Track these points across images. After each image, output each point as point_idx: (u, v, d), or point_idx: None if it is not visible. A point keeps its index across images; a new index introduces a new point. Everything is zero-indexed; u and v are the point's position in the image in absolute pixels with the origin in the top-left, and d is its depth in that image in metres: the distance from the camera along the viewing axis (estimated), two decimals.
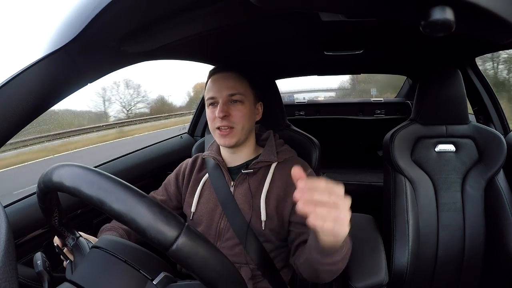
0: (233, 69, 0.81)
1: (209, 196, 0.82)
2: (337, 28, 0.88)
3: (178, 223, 0.36)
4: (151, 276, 0.44)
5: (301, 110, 2.47)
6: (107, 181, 0.38)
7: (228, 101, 0.78)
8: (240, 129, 0.78)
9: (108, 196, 0.36)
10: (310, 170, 0.83)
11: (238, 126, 0.77)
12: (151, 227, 0.35)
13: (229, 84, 0.78)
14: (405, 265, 1.00)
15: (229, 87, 0.78)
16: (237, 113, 0.77)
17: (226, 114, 0.76)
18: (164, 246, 0.35)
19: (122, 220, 0.36)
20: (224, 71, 0.81)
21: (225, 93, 0.77)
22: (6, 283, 0.29)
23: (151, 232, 0.35)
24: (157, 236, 0.35)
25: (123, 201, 0.36)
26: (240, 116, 0.77)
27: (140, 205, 0.36)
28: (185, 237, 0.35)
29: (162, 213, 0.36)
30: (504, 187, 1.02)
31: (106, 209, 0.36)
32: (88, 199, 0.37)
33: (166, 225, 0.35)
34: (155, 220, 0.35)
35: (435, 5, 0.26)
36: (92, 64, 0.56)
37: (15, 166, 6.74)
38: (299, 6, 0.41)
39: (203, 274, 0.37)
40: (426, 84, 1.07)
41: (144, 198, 0.37)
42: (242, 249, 0.76)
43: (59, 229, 0.54)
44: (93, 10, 0.43)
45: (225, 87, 0.78)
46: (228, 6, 0.52)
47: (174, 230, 0.35)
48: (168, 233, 0.35)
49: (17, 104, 0.46)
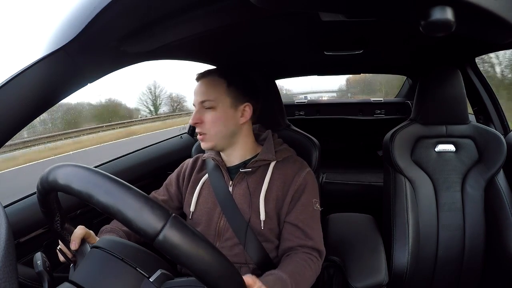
0: (210, 73, 0.80)
1: (208, 196, 0.83)
2: (337, 28, 0.88)
3: (163, 213, 0.36)
4: (148, 273, 0.44)
5: (301, 110, 2.47)
6: (95, 175, 0.38)
7: (201, 108, 0.78)
8: (213, 134, 0.78)
9: (95, 189, 0.37)
10: (308, 169, 0.83)
11: (211, 132, 0.78)
12: (136, 217, 0.35)
13: (201, 91, 0.78)
14: (405, 265, 1.00)
15: (200, 93, 0.78)
16: (208, 119, 0.77)
17: (197, 121, 0.77)
18: (150, 236, 0.35)
19: (109, 212, 0.36)
20: (201, 77, 0.80)
21: (197, 100, 0.78)
22: (6, 283, 0.29)
23: (137, 222, 0.35)
24: (143, 227, 0.34)
25: (110, 193, 0.36)
26: (211, 122, 0.77)
27: (126, 197, 0.36)
28: (171, 227, 0.35)
29: (148, 204, 0.36)
30: (504, 187, 1.02)
31: (94, 203, 0.37)
32: (78, 194, 0.38)
33: (152, 215, 0.35)
34: (141, 211, 0.35)
35: (435, 5, 0.26)
36: (92, 64, 0.56)
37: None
38: (299, 6, 0.41)
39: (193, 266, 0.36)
40: (426, 84, 1.07)
41: (130, 190, 0.37)
42: (241, 249, 0.76)
43: (61, 233, 0.54)
44: (93, 10, 0.43)
45: (198, 94, 0.79)
46: (228, 6, 0.52)
47: (160, 221, 0.35)
48: (153, 224, 0.35)
49: (17, 104, 0.46)
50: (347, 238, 1.03)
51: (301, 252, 0.74)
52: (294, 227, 0.76)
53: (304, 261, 0.72)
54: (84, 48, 0.50)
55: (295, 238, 0.76)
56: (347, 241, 1.01)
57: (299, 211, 0.77)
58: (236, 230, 0.77)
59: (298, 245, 0.75)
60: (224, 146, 0.81)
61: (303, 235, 0.76)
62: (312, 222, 0.77)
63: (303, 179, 0.79)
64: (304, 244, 0.75)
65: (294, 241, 0.75)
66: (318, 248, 0.76)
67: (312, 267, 0.72)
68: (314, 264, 0.74)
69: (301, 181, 0.79)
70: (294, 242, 0.75)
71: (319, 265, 0.76)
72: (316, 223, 0.79)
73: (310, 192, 0.80)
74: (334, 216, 1.16)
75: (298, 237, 0.76)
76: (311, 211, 0.78)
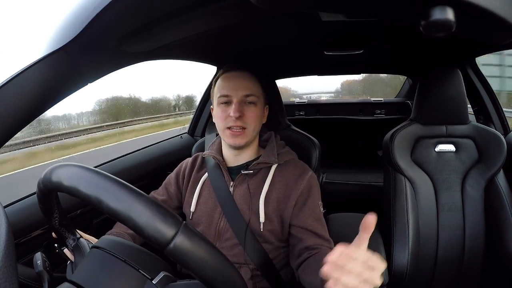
0: (247, 69, 0.81)
1: (208, 196, 0.82)
2: (337, 28, 0.88)
3: (175, 221, 0.36)
4: (151, 275, 0.44)
5: (301, 110, 2.47)
6: (105, 180, 0.38)
7: (243, 102, 0.77)
8: (252, 130, 0.78)
9: (106, 194, 0.36)
10: (311, 173, 0.82)
11: (251, 127, 0.77)
12: (148, 225, 0.35)
13: (245, 84, 0.78)
14: (405, 265, 1.00)
15: (245, 87, 0.77)
16: (251, 114, 0.77)
17: (241, 114, 0.75)
18: (162, 244, 0.35)
19: (119, 219, 0.36)
20: (240, 69, 0.80)
21: (241, 93, 0.77)
22: (6, 283, 0.29)
23: (149, 230, 0.35)
24: (155, 235, 0.35)
25: (121, 199, 0.36)
26: (253, 118, 0.77)
27: (137, 204, 0.36)
28: (182, 235, 0.35)
29: (160, 212, 0.36)
30: (504, 187, 1.02)
31: (104, 208, 0.36)
32: (86, 198, 0.37)
33: (163, 224, 0.35)
34: (153, 219, 0.35)
35: (435, 5, 0.26)
36: (92, 64, 0.56)
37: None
38: (299, 6, 0.41)
39: (201, 273, 0.37)
40: (426, 84, 1.07)
41: (142, 197, 0.37)
42: (241, 250, 0.76)
43: (59, 229, 0.54)
44: (93, 10, 0.43)
45: (241, 87, 0.77)
46: (229, 6, 0.52)
47: (171, 229, 0.35)
48: (165, 232, 0.35)
49: (17, 104, 0.46)
50: (347, 238, 1.02)
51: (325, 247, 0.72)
52: (303, 230, 0.75)
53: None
54: (84, 48, 0.49)
55: (308, 238, 0.74)
56: (347, 241, 1.00)
57: (307, 215, 0.76)
58: (236, 230, 0.77)
59: (314, 243, 0.73)
60: (249, 143, 0.81)
61: (314, 235, 0.74)
62: (319, 225, 0.77)
63: (307, 182, 0.79)
64: (319, 242, 0.73)
65: (309, 240, 0.74)
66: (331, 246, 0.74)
67: None
68: None
69: (305, 185, 0.78)
70: (310, 241, 0.73)
71: None
72: (323, 225, 0.78)
73: (315, 195, 0.79)
74: (334, 216, 1.16)
75: (311, 237, 0.74)
76: (318, 213, 0.78)
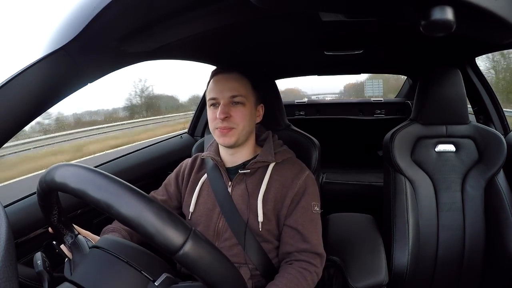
0: (236, 70, 0.81)
1: (207, 196, 0.82)
2: (337, 28, 0.88)
3: (185, 228, 0.37)
4: (153, 277, 0.44)
5: (301, 110, 2.47)
6: (115, 185, 0.38)
7: (230, 103, 0.78)
8: (241, 129, 0.78)
9: (116, 200, 0.37)
10: (308, 172, 0.82)
11: (239, 126, 0.78)
12: (158, 232, 0.35)
13: (231, 86, 0.78)
14: (405, 265, 1.00)
15: (231, 88, 0.78)
16: (238, 114, 0.77)
17: (226, 115, 0.76)
18: (171, 251, 0.35)
19: (129, 225, 0.36)
20: (227, 72, 0.80)
21: (227, 94, 0.77)
22: (6, 283, 0.29)
23: (159, 237, 0.35)
24: (165, 242, 0.35)
25: (132, 206, 0.36)
26: (240, 117, 0.77)
27: (148, 211, 0.36)
28: (192, 242, 0.36)
29: (170, 219, 0.36)
30: (504, 187, 1.02)
31: (113, 213, 0.37)
32: (94, 201, 0.38)
33: (174, 231, 0.36)
34: (163, 226, 0.36)
35: (435, 5, 0.26)
36: (92, 64, 0.56)
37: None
38: (299, 6, 0.41)
39: (208, 279, 0.38)
40: (426, 84, 1.07)
41: (152, 203, 0.37)
42: (240, 249, 0.76)
43: (57, 226, 0.54)
44: (93, 10, 0.43)
45: (227, 89, 0.78)
46: (228, 6, 0.52)
47: (181, 236, 0.36)
48: (175, 239, 0.35)
49: (17, 104, 0.46)
50: (347, 238, 1.02)
51: (299, 261, 0.74)
52: (293, 231, 0.76)
53: (299, 273, 0.71)
54: (84, 48, 0.49)
55: (294, 241, 0.76)
56: (347, 241, 1.00)
57: (299, 215, 0.77)
58: (235, 230, 0.77)
59: (296, 249, 0.75)
60: (241, 143, 0.81)
61: (301, 238, 0.75)
62: (311, 226, 0.77)
63: (303, 182, 0.79)
64: (303, 248, 0.75)
65: (293, 245, 0.75)
66: (316, 251, 0.76)
67: (308, 279, 0.71)
68: (311, 274, 0.73)
69: (301, 184, 0.79)
70: (293, 247, 0.75)
71: (318, 272, 0.75)
72: (315, 226, 0.79)
73: (310, 195, 0.79)
74: (334, 216, 1.16)
75: (297, 240, 0.75)
76: (310, 214, 0.78)
